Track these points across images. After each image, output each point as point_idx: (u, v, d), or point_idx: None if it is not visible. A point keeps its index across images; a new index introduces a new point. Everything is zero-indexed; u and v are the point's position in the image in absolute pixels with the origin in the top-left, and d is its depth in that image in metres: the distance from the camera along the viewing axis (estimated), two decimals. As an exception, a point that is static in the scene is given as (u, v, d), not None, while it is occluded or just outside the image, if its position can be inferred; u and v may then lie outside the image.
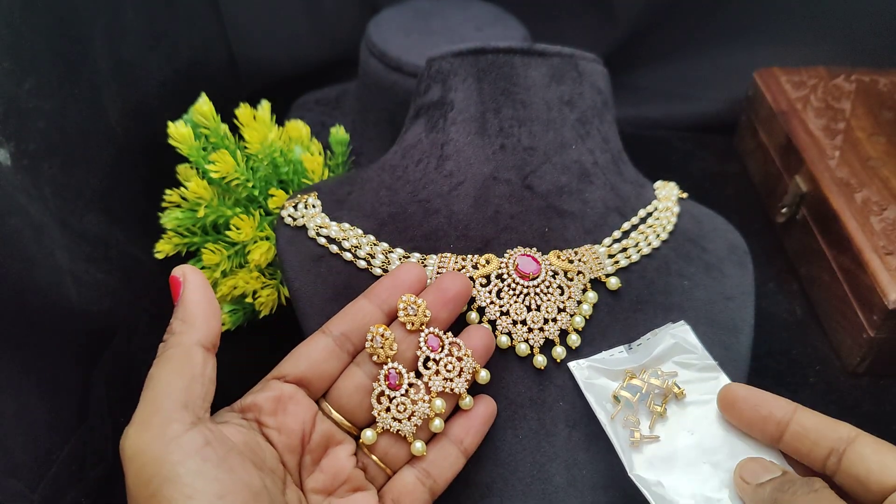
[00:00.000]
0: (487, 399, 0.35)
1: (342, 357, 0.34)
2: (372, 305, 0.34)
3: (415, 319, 0.33)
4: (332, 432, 0.33)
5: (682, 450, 0.33)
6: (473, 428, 0.34)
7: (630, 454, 0.33)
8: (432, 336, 0.34)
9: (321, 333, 0.34)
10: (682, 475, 0.33)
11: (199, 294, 0.31)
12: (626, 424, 0.34)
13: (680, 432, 0.34)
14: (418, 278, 0.35)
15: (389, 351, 0.33)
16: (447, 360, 0.33)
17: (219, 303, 0.48)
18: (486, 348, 0.35)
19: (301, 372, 0.33)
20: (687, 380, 0.35)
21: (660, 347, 0.36)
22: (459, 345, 0.34)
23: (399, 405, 0.33)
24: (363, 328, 0.34)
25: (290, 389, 0.32)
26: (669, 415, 0.34)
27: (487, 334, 0.35)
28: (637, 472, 0.32)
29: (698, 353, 0.36)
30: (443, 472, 0.33)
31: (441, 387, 0.33)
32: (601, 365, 0.36)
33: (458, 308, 0.35)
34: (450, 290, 0.34)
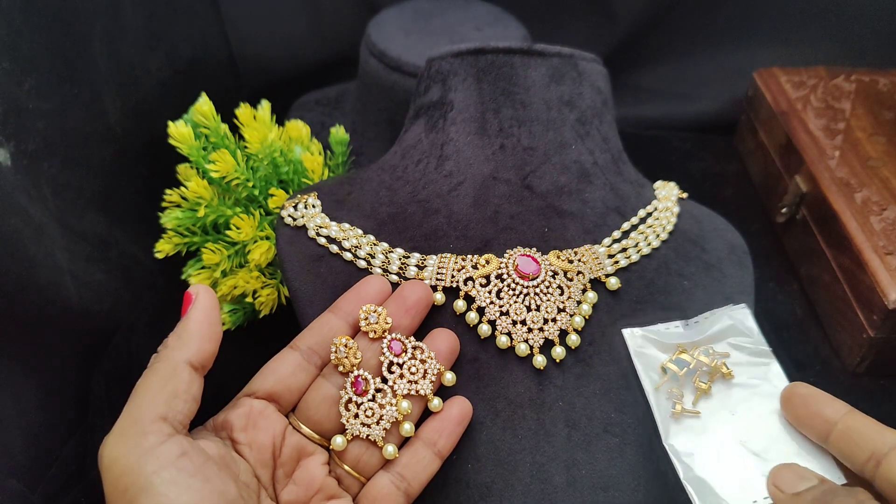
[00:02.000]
0: (461, 400, 0.35)
1: (310, 370, 0.34)
2: (337, 319, 0.35)
3: (377, 327, 0.34)
4: (303, 445, 0.33)
5: (720, 429, 0.34)
6: (446, 430, 0.34)
7: (668, 424, 0.34)
8: (395, 341, 0.34)
9: (289, 349, 0.35)
10: (714, 452, 0.33)
11: (203, 314, 0.32)
12: (669, 396, 0.34)
13: (721, 412, 0.34)
14: (380, 290, 0.36)
15: (354, 359, 0.33)
16: (411, 363, 0.34)
17: (219, 302, 0.48)
18: (451, 351, 0.35)
19: (270, 387, 0.33)
20: (737, 362, 0.36)
21: (716, 327, 0.36)
22: (423, 348, 0.35)
23: (367, 410, 0.33)
24: (329, 341, 0.34)
25: (260, 405, 0.33)
26: (714, 393, 0.35)
27: (451, 337, 0.35)
28: (671, 442, 0.33)
29: (754, 337, 0.37)
30: (417, 475, 0.33)
31: (406, 389, 0.34)
32: (654, 336, 0.37)
33: (419, 315, 0.36)
34: (410, 298, 0.35)
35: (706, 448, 0.33)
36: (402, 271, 0.38)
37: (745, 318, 0.37)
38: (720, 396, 0.35)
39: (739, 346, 0.36)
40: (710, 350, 0.35)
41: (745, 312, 0.37)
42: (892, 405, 0.47)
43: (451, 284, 0.37)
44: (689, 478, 0.32)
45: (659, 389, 0.35)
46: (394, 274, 0.38)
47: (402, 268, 0.38)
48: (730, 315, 0.37)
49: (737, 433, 0.33)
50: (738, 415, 0.34)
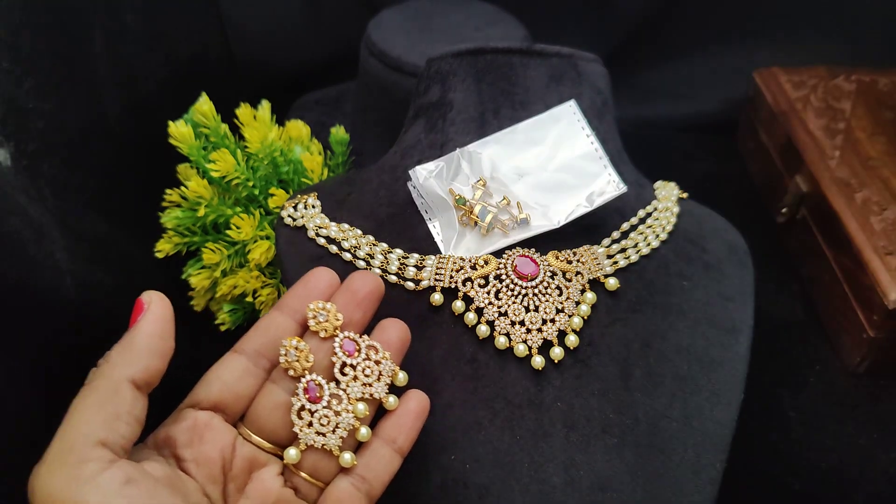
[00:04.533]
0: (417, 394, 0.33)
1: (258, 375, 0.32)
2: (284, 317, 0.33)
3: (327, 325, 0.32)
4: (255, 455, 0.31)
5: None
6: (405, 426, 0.33)
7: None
8: (347, 340, 0.32)
9: (233, 353, 0.32)
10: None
11: (154, 326, 0.29)
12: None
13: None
14: (328, 283, 0.33)
15: (305, 363, 0.31)
16: (365, 364, 0.32)
17: (219, 304, 0.48)
18: (403, 343, 0.34)
19: (215, 397, 0.31)
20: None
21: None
22: (376, 347, 0.33)
23: (322, 418, 0.31)
24: (278, 342, 0.32)
25: (205, 417, 0.30)
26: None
27: (402, 327, 0.34)
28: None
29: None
30: (378, 476, 0.32)
31: (360, 393, 0.32)
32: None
33: (371, 308, 0.34)
34: (361, 291, 0.33)
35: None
36: (401, 271, 0.38)
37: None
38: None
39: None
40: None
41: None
42: (892, 405, 0.47)
43: (450, 285, 0.37)
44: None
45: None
46: (393, 274, 0.38)
47: (401, 268, 0.38)
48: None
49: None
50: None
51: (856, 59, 0.64)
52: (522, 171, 0.41)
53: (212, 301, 0.49)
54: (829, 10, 0.68)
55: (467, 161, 0.40)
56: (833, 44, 0.69)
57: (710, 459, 0.35)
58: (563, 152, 0.41)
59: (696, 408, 0.36)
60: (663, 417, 0.36)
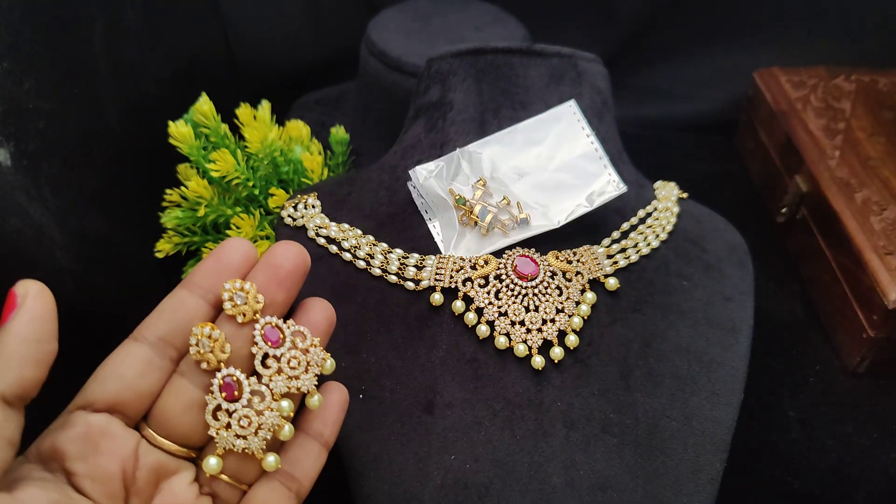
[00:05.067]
0: (336, 385, 0.31)
1: (164, 367, 0.27)
2: (194, 297, 0.27)
3: (245, 309, 0.27)
4: (163, 462, 0.27)
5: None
6: (331, 418, 0.30)
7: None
8: (270, 327, 0.27)
9: (132, 341, 0.27)
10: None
11: (27, 328, 0.24)
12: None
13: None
14: (245, 256, 0.28)
15: (221, 354, 0.27)
16: (290, 354, 0.28)
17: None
18: (329, 323, 0.29)
19: (112, 396, 0.26)
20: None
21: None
22: (304, 333, 0.28)
23: (242, 419, 0.27)
24: (186, 327, 0.27)
25: (100, 421, 0.25)
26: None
27: (326, 306, 0.29)
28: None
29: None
30: (307, 472, 0.29)
31: (285, 387, 0.27)
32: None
33: (296, 285, 0.28)
34: (283, 266, 0.28)
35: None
36: (401, 271, 0.38)
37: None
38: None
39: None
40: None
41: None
42: (891, 405, 0.47)
43: (450, 285, 0.37)
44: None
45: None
46: (393, 274, 0.38)
47: (401, 268, 0.38)
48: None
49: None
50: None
51: (856, 59, 0.64)
52: (522, 171, 0.41)
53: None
54: (829, 10, 0.68)
55: (467, 161, 0.40)
56: (833, 44, 0.69)
57: (710, 459, 0.35)
58: (563, 152, 0.41)
59: (696, 408, 0.36)
60: (663, 417, 0.36)
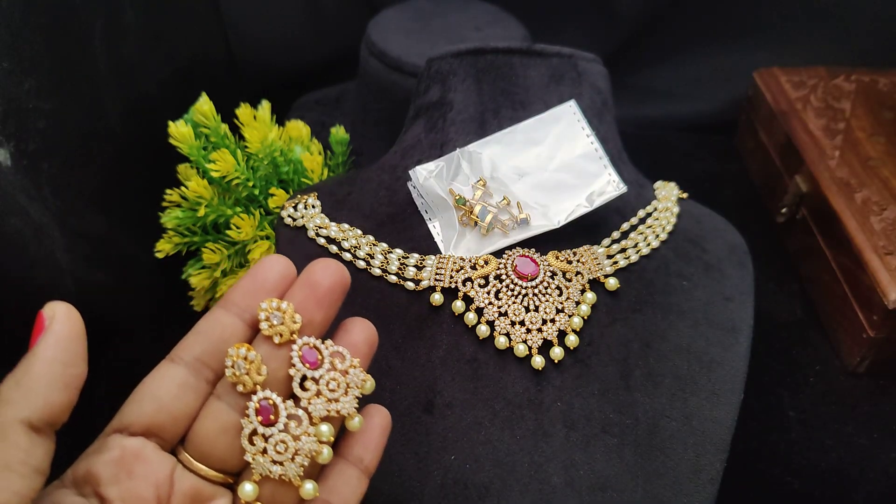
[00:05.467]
0: (378, 408, 0.29)
1: (199, 390, 0.26)
2: (230, 316, 0.27)
3: (283, 330, 0.26)
4: (199, 488, 0.26)
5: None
6: (372, 443, 0.29)
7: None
8: (308, 348, 0.27)
9: (169, 362, 0.26)
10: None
11: (55, 351, 0.23)
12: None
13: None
14: (282, 274, 0.27)
15: (257, 377, 0.26)
16: (329, 375, 0.27)
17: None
18: (370, 344, 0.28)
19: (148, 419, 0.25)
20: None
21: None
22: (343, 354, 0.27)
23: (278, 444, 0.26)
24: (222, 348, 0.26)
25: (135, 445, 0.25)
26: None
27: (368, 327, 0.28)
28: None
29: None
30: (346, 500, 0.28)
31: (325, 410, 0.26)
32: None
33: (335, 304, 0.27)
34: (322, 284, 0.27)
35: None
36: (401, 271, 0.38)
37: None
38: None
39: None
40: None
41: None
42: (891, 405, 0.47)
43: (450, 285, 0.37)
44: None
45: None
46: (393, 274, 0.38)
47: (401, 268, 0.38)
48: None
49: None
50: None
51: (856, 59, 0.64)
52: (522, 171, 0.41)
53: (212, 301, 0.49)
54: (829, 10, 0.68)
55: (467, 161, 0.40)
56: (833, 44, 0.69)
57: (710, 459, 0.35)
58: (563, 152, 0.41)
59: (696, 408, 0.36)
60: (663, 417, 0.36)
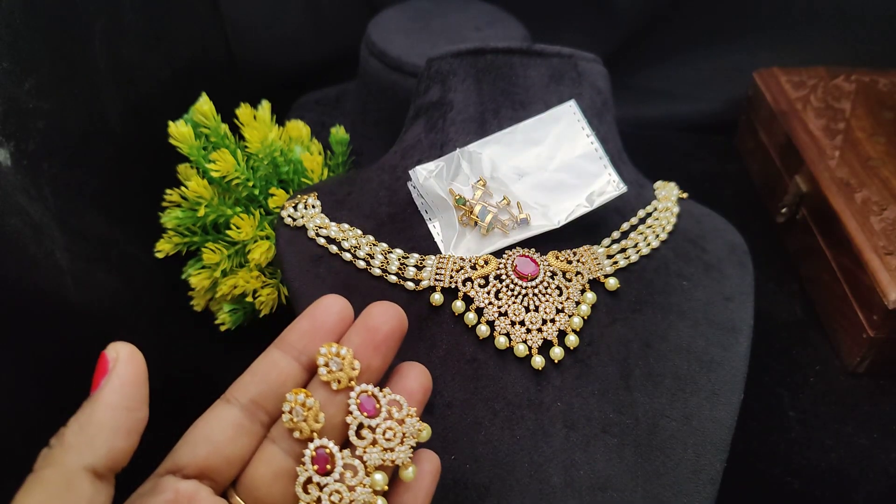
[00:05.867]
0: (429, 454, 0.29)
1: (255, 432, 0.26)
2: (287, 358, 0.27)
3: (341, 376, 0.26)
4: None
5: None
6: (423, 491, 0.28)
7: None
8: (366, 396, 0.26)
9: (225, 403, 0.26)
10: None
11: (119, 396, 0.23)
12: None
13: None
14: (341, 317, 0.27)
15: (315, 424, 0.26)
16: (386, 425, 0.26)
17: (219, 304, 0.48)
18: (425, 391, 0.28)
19: (202, 461, 0.25)
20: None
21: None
22: (400, 403, 0.27)
23: (333, 494, 0.25)
24: (278, 390, 0.26)
25: (189, 488, 0.25)
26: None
27: (423, 373, 0.28)
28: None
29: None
30: None
31: (379, 460, 0.26)
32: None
33: (392, 350, 0.27)
34: (381, 329, 0.27)
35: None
36: (401, 271, 0.38)
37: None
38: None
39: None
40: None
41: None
42: (891, 405, 0.47)
43: (450, 285, 0.37)
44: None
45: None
46: (393, 274, 0.38)
47: (401, 268, 0.38)
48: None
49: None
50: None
51: (856, 59, 0.64)
52: (522, 171, 0.41)
53: (212, 301, 0.49)
54: (829, 10, 0.68)
55: (467, 161, 0.40)
56: (833, 44, 0.69)
57: (710, 459, 0.35)
58: (563, 152, 0.41)
59: (696, 408, 0.36)
60: (663, 417, 0.36)
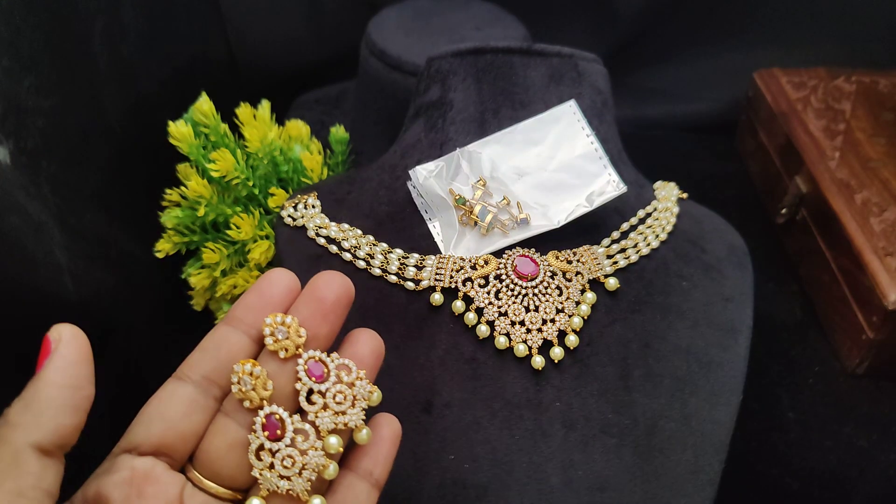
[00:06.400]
0: (387, 417, 0.29)
1: (208, 407, 0.26)
2: (237, 333, 0.27)
3: (288, 344, 0.26)
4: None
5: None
6: (382, 454, 0.28)
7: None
8: (314, 362, 0.27)
9: (176, 380, 0.26)
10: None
11: (62, 374, 0.23)
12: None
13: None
14: (288, 288, 0.27)
15: (263, 392, 0.26)
16: (336, 388, 0.27)
17: (219, 303, 0.48)
18: (377, 355, 0.28)
19: (157, 438, 0.25)
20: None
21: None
22: (349, 366, 0.27)
23: (285, 459, 0.26)
24: (229, 364, 0.26)
25: (145, 465, 0.25)
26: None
27: (374, 337, 0.28)
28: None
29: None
30: None
31: (332, 423, 0.26)
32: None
33: (341, 317, 0.27)
34: (328, 297, 0.27)
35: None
36: (401, 271, 0.38)
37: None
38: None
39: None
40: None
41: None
42: (891, 406, 0.47)
43: (450, 285, 0.37)
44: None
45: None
46: (393, 274, 0.38)
47: (401, 268, 0.38)
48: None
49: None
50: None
51: (856, 60, 0.64)
52: (522, 171, 0.41)
53: (212, 301, 0.49)
54: (829, 10, 0.68)
55: (467, 161, 0.40)
56: (833, 44, 0.69)
57: (709, 460, 0.35)
58: (562, 152, 0.41)
59: (696, 408, 0.36)
60: (662, 418, 0.36)
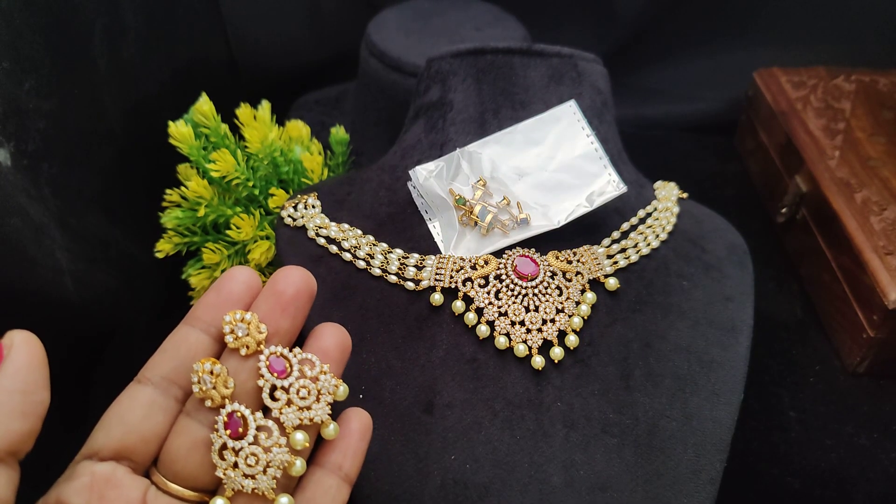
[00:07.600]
0: (357, 411, 0.29)
1: (169, 408, 0.26)
2: (197, 332, 0.26)
3: (248, 341, 0.26)
4: None
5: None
6: (351, 448, 0.28)
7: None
8: (275, 357, 0.26)
9: (136, 383, 0.26)
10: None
11: (15, 380, 0.23)
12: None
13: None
14: (248, 286, 0.27)
15: (224, 390, 0.26)
16: (299, 383, 0.26)
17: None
18: (342, 349, 0.28)
19: (117, 442, 0.25)
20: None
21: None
22: (312, 360, 0.27)
23: (248, 457, 0.25)
24: (190, 364, 0.26)
25: (105, 470, 0.25)
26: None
27: (339, 331, 0.28)
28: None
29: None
30: None
31: (297, 419, 0.26)
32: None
33: (302, 311, 0.27)
34: (287, 291, 0.26)
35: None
36: (401, 271, 0.38)
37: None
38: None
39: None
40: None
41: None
42: (892, 405, 0.47)
43: (450, 285, 0.37)
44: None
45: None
46: (393, 274, 0.38)
47: (401, 268, 0.38)
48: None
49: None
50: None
51: (856, 60, 0.64)
52: (522, 171, 0.41)
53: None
54: (829, 10, 0.68)
55: (467, 161, 0.40)
56: (833, 44, 0.69)
57: (710, 459, 0.35)
58: (563, 152, 0.41)
59: (696, 408, 0.36)
60: (663, 417, 0.36)
